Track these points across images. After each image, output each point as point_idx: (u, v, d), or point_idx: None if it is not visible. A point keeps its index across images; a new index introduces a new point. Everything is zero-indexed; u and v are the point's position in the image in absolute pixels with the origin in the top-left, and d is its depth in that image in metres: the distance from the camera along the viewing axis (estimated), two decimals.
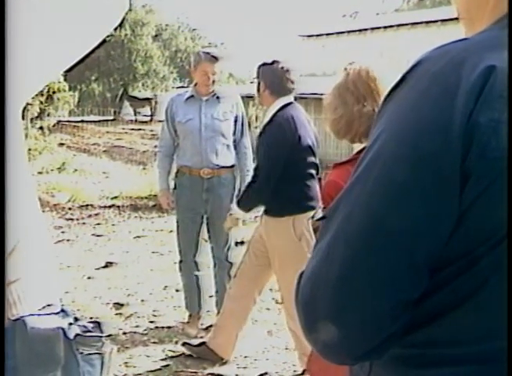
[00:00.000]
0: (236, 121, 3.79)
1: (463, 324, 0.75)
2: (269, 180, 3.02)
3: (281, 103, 3.08)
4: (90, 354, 1.59)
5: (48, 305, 1.57)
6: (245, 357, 3.48)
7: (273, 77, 3.08)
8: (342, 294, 0.74)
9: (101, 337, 1.62)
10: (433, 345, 0.76)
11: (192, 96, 3.73)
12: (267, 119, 3.13)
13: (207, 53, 3.68)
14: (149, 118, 24.63)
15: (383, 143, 0.75)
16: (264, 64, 3.15)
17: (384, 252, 0.73)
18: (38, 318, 1.53)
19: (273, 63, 3.11)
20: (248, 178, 3.70)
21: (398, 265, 0.73)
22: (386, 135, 0.75)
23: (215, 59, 3.64)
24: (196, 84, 3.75)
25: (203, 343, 3.41)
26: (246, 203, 3.20)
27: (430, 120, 0.72)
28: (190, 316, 3.91)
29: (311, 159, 3.10)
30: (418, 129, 0.73)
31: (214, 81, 3.66)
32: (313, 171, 3.11)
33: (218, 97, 3.72)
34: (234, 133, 3.79)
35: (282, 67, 3.09)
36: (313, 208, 3.04)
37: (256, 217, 4.49)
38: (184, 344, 3.51)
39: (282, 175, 3.02)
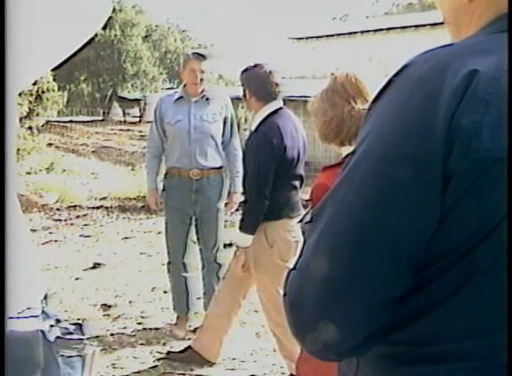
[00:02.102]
0: (225, 123, 3.78)
1: (447, 322, 0.76)
2: (262, 194, 2.93)
3: (269, 109, 3.00)
4: (71, 356, 1.56)
5: (28, 308, 1.54)
6: (233, 359, 3.47)
7: (257, 83, 3.00)
8: (327, 292, 0.76)
9: (82, 339, 1.59)
10: (418, 343, 0.77)
11: (181, 97, 3.72)
12: (253, 127, 3.06)
13: (195, 53, 3.74)
14: (138, 119, 24.51)
15: (369, 145, 0.76)
16: (246, 70, 3.08)
17: (367, 252, 0.74)
18: (17, 321, 1.50)
19: (255, 66, 3.04)
20: (238, 180, 3.67)
21: (380, 265, 0.74)
22: (372, 137, 0.76)
23: (202, 57, 3.68)
24: (185, 86, 3.75)
25: (189, 347, 3.39)
26: (247, 225, 3.00)
27: (414, 124, 0.73)
28: (178, 317, 3.89)
29: (296, 171, 3.02)
30: (403, 132, 0.74)
31: (202, 80, 3.66)
32: (296, 183, 3.04)
33: (207, 98, 3.72)
34: (223, 135, 3.78)
35: (264, 71, 3.01)
36: (288, 217, 3.01)
37: None
38: (168, 353, 3.49)
39: None
